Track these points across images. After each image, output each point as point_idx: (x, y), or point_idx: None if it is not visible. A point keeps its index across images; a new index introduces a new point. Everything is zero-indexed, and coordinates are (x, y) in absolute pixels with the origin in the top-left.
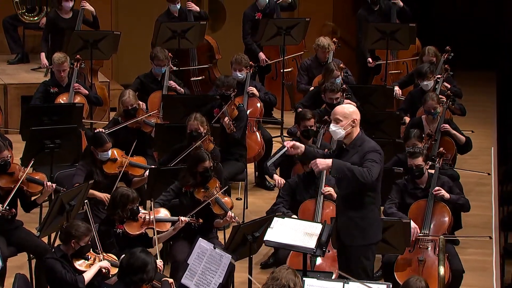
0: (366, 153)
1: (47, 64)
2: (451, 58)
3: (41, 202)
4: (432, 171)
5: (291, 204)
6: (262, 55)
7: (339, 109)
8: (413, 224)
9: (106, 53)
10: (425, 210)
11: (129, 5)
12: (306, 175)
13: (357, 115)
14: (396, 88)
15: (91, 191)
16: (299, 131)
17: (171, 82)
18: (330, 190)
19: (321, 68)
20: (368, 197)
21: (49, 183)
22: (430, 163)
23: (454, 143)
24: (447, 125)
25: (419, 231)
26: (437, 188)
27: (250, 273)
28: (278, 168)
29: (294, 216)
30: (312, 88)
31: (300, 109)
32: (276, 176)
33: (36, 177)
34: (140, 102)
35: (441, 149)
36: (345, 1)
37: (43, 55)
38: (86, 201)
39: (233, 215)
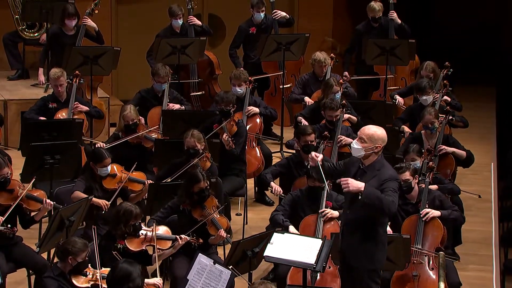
0: (385, 181)
1: (44, 81)
2: (450, 74)
3: (39, 219)
4: (432, 187)
5: (291, 216)
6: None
7: (367, 130)
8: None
9: (106, 69)
10: (417, 226)
11: (129, 21)
12: (309, 190)
13: (383, 142)
14: (399, 97)
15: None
16: (299, 146)
17: (174, 105)
18: (327, 214)
19: (318, 83)
20: (378, 221)
21: (48, 201)
22: (418, 177)
23: (453, 158)
24: (443, 146)
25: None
26: (423, 212)
27: None
28: (279, 181)
29: (291, 226)
30: (307, 100)
31: (300, 117)
32: (272, 183)
33: (36, 194)
34: (140, 117)
35: (431, 163)
36: (344, 17)
37: (41, 70)
38: (94, 227)
39: (223, 233)
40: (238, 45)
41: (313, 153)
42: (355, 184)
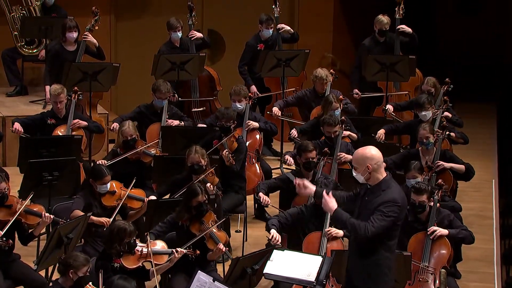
0: (382, 204)
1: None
2: (450, 90)
3: (38, 234)
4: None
5: (293, 230)
6: (253, 88)
7: (355, 154)
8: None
9: (105, 85)
10: (424, 243)
11: (128, 36)
12: (315, 206)
13: (372, 161)
14: (390, 106)
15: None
16: (300, 163)
17: (173, 121)
18: (332, 232)
19: (319, 99)
20: (383, 245)
21: (47, 214)
22: (432, 199)
23: (451, 174)
24: (440, 162)
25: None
26: (431, 229)
27: None
28: (279, 197)
29: (273, 230)
30: (275, 110)
31: (294, 131)
32: (260, 194)
33: (34, 209)
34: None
35: (440, 180)
36: (344, 33)
37: (48, 88)
38: (101, 270)
39: (222, 247)
40: (248, 61)
41: (298, 181)
42: (327, 206)
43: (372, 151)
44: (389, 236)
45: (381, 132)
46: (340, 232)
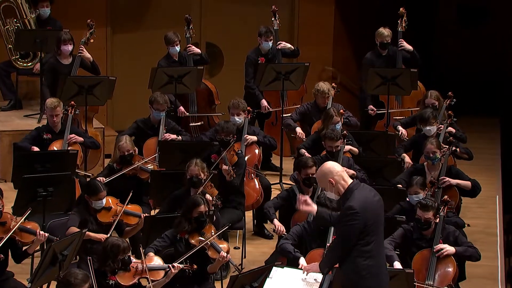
0: (339, 218)
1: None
2: (453, 104)
3: (32, 252)
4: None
5: (297, 248)
6: (264, 102)
7: (316, 175)
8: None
9: (101, 98)
10: (429, 261)
11: (125, 50)
12: (315, 223)
13: (331, 174)
14: (402, 129)
15: (86, 233)
16: (300, 179)
17: (170, 135)
18: None
19: (321, 114)
20: (357, 251)
21: (41, 232)
22: (438, 216)
23: (457, 191)
24: (446, 178)
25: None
26: (437, 247)
27: None
28: (278, 213)
29: (302, 258)
30: (298, 131)
31: (303, 150)
32: (276, 221)
33: (28, 226)
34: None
35: (446, 197)
36: (345, 46)
37: None
38: (89, 257)
39: (224, 254)
40: (253, 75)
41: (301, 197)
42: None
43: (327, 165)
44: (362, 243)
45: (402, 129)
46: None
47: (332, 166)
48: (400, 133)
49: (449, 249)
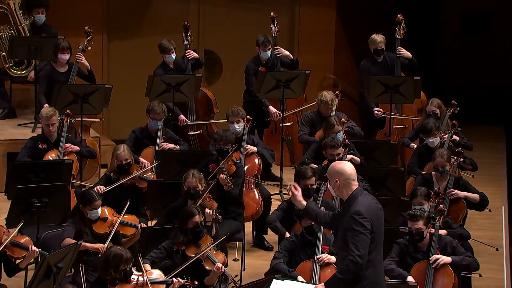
0: (347, 225)
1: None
2: (457, 112)
3: (24, 266)
4: (442, 231)
5: (288, 263)
6: (272, 109)
7: (330, 166)
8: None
9: (97, 107)
10: (426, 273)
11: (122, 57)
12: (303, 234)
13: (341, 176)
14: (413, 144)
15: (82, 243)
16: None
17: (167, 144)
18: (324, 259)
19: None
20: None
21: (33, 248)
22: (431, 226)
23: (465, 202)
24: (455, 191)
25: None
26: (433, 258)
27: None
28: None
29: (300, 276)
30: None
31: (307, 160)
32: (288, 234)
33: (21, 241)
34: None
35: (441, 206)
36: (346, 53)
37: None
38: (81, 265)
39: (220, 265)
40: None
41: (292, 188)
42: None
43: (344, 167)
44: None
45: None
46: (332, 258)
47: (343, 168)
48: (411, 146)
49: (444, 258)
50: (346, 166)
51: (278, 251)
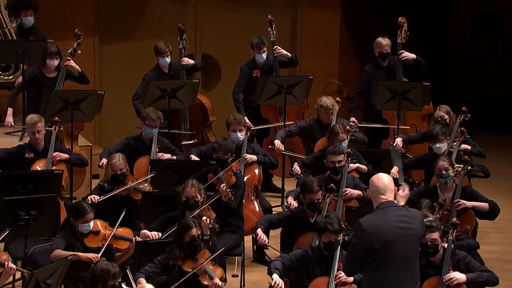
0: None
1: (12, 122)
2: (467, 120)
3: (1, 285)
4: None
5: (298, 274)
6: (245, 119)
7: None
8: None
9: (88, 114)
10: None
11: (114, 62)
12: (320, 249)
13: (370, 187)
14: (398, 139)
15: (74, 253)
16: (304, 202)
17: (163, 154)
18: (341, 277)
19: (324, 130)
20: (367, 277)
21: (11, 265)
22: (446, 240)
23: (473, 213)
24: (461, 201)
25: None
26: (447, 277)
27: None
28: (280, 238)
29: (276, 275)
30: (277, 142)
31: (297, 166)
32: (259, 231)
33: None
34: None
35: (455, 219)
36: (351, 57)
37: (10, 111)
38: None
39: (217, 281)
40: (243, 88)
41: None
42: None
43: (374, 178)
44: (371, 267)
45: (399, 140)
46: (350, 278)
47: (372, 180)
48: (395, 143)
49: (459, 277)
50: (376, 178)
51: (288, 254)
